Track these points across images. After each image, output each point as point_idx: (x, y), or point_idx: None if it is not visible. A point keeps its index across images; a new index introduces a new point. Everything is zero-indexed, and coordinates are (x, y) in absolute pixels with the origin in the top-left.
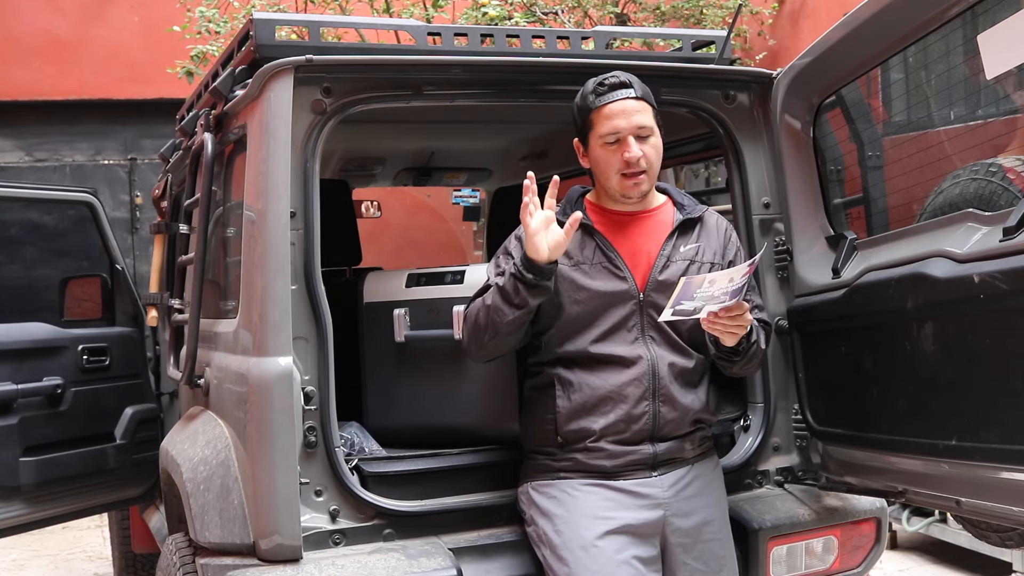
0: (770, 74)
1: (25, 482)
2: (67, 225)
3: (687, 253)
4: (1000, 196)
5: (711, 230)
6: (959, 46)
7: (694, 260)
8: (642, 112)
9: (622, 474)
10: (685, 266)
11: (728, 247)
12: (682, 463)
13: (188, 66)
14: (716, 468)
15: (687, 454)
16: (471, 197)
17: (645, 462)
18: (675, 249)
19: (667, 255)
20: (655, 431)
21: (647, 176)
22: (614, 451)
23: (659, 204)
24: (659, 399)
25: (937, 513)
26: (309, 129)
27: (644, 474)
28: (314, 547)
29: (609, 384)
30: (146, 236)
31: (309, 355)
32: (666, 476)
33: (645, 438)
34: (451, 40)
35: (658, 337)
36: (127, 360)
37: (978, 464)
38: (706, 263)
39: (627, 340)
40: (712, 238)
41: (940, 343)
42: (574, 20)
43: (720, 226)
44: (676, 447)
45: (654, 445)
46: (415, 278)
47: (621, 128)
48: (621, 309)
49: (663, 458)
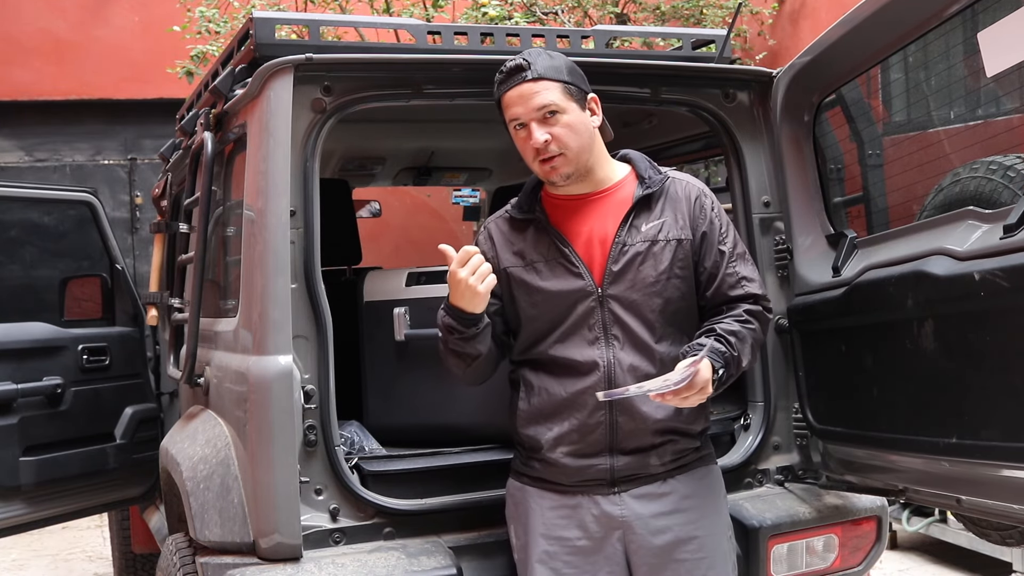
0: (770, 73)
1: (25, 482)
2: (67, 225)
3: (648, 233)
4: (1000, 194)
5: (677, 201)
6: (959, 45)
7: (656, 240)
8: (543, 92)
9: (580, 490)
10: (646, 247)
11: (698, 218)
12: (649, 479)
13: (188, 66)
14: (705, 481)
15: (653, 469)
16: (471, 197)
17: (602, 478)
18: (633, 231)
19: (623, 240)
20: (613, 443)
21: (564, 158)
22: (569, 465)
23: (619, 180)
24: (616, 408)
25: (937, 513)
26: (309, 128)
27: (602, 491)
28: (314, 546)
29: (567, 391)
30: (146, 236)
31: (309, 354)
32: (626, 494)
33: (602, 450)
34: (451, 39)
35: (621, 336)
36: (127, 360)
37: (979, 462)
38: (671, 240)
39: (586, 341)
40: (678, 210)
41: (940, 341)
42: (574, 20)
43: (688, 194)
44: (638, 462)
45: (612, 458)
46: (415, 277)
47: (520, 115)
48: (580, 307)
49: (622, 474)
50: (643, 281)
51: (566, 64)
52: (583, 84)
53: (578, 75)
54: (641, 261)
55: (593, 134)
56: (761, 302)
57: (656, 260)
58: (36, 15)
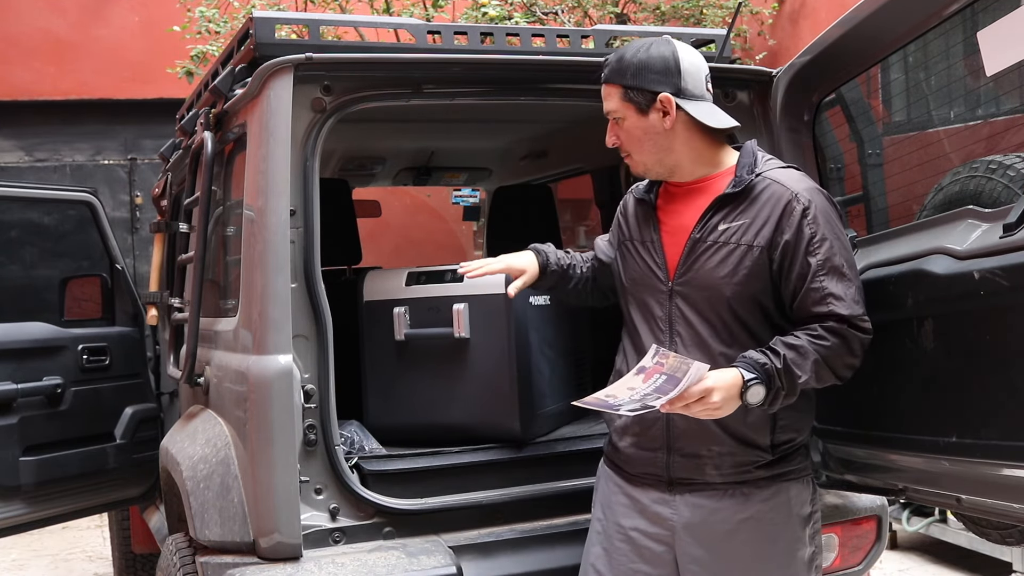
0: (770, 72)
1: (25, 482)
2: (67, 225)
3: (725, 234)
4: (1000, 193)
5: (763, 204)
6: (959, 44)
7: (729, 242)
8: (607, 98)
9: (640, 482)
10: (718, 248)
11: (784, 225)
12: (705, 487)
13: (188, 66)
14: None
15: (711, 477)
16: (471, 197)
17: (659, 475)
18: (709, 229)
19: (697, 237)
20: (670, 441)
21: (632, 159)
22: (632, 456)
23: (719, 172)
24: None
25: (937, 513)
26: (309, 127)
27: (660, 488)
28: (314, 545)
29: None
30: (146, 236)
31: (309, 353)
32: (681, 497)
33: (659, 447)
34: (451, 39)
35: (685, 334)
36: (127, 360)
37: (978, 461)
38: (743, 245)
39: (654, 331)
40: (763, 214)
41: (940, 340)
42: (574, 20)
43: (779, 199)
44: (694, 465)
45: (669, 456)
46: (415, 276)
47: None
48: (653, 297)
49: (679, 475)
50: (710, 281)
51: (636, 64)
52: (651, 84)
53: (647, 75)
54: (710, 261)
55: (666, 135)
56: (851, 322)
57: (726, 262)
58: (36, 15)
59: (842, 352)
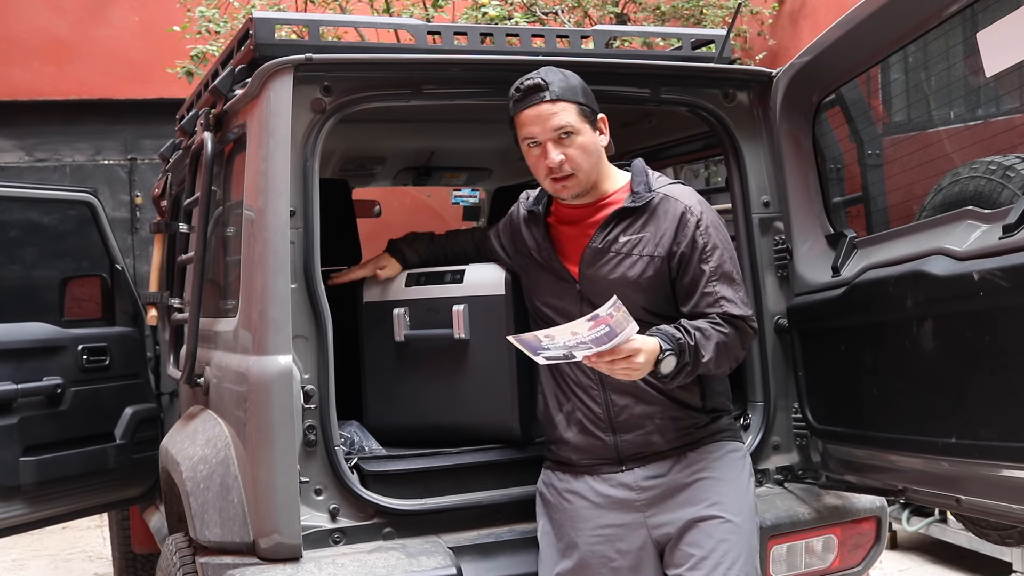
0: (770, 73)
1: (25, 482)
2: (67, 225)
3: (624, 246)
4: (1000, 194)
5: (662, 218)
6: (959, 45)
7: (631, 253)
8: (560, 113)
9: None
10: (619, 258)
11: (679, 237)
12: (656, 457)
13: (188, 66)
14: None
15: (659, 447)
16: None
17: (610, 457)
18: (611, 240)
19: (598, 247)
20: (613, 422)
21: (575, 179)
22: (579, 444)
23: (616, 189)
24: (608, 387)
25: (937, 513)
26: (309, 128)
27: (612, 469)
28: (314, 546)
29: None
30: (146, 236)
31: (309, 354)
32: (638, 471)
33: (605, 427)
34: (451, 39)
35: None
36: (127, 360)
37: (978, 462)
38: (644, 255)
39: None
40: (661, 227)
41: (940, 341)
42: (574, 20)
43: (675, 213)
44: (642, 440)
45: (616, 435)
46: (415, 277)
47: (536, 134)
48: (567, 300)
49: (629, 452)
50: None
51: (580, 85)
52: (594, 104)
53: (590, 96)
54: (616, 270)
55: (601, 153)
56: (743, 319)
57: (631, 271)
58: (36, 15)
59: (736, 343)
